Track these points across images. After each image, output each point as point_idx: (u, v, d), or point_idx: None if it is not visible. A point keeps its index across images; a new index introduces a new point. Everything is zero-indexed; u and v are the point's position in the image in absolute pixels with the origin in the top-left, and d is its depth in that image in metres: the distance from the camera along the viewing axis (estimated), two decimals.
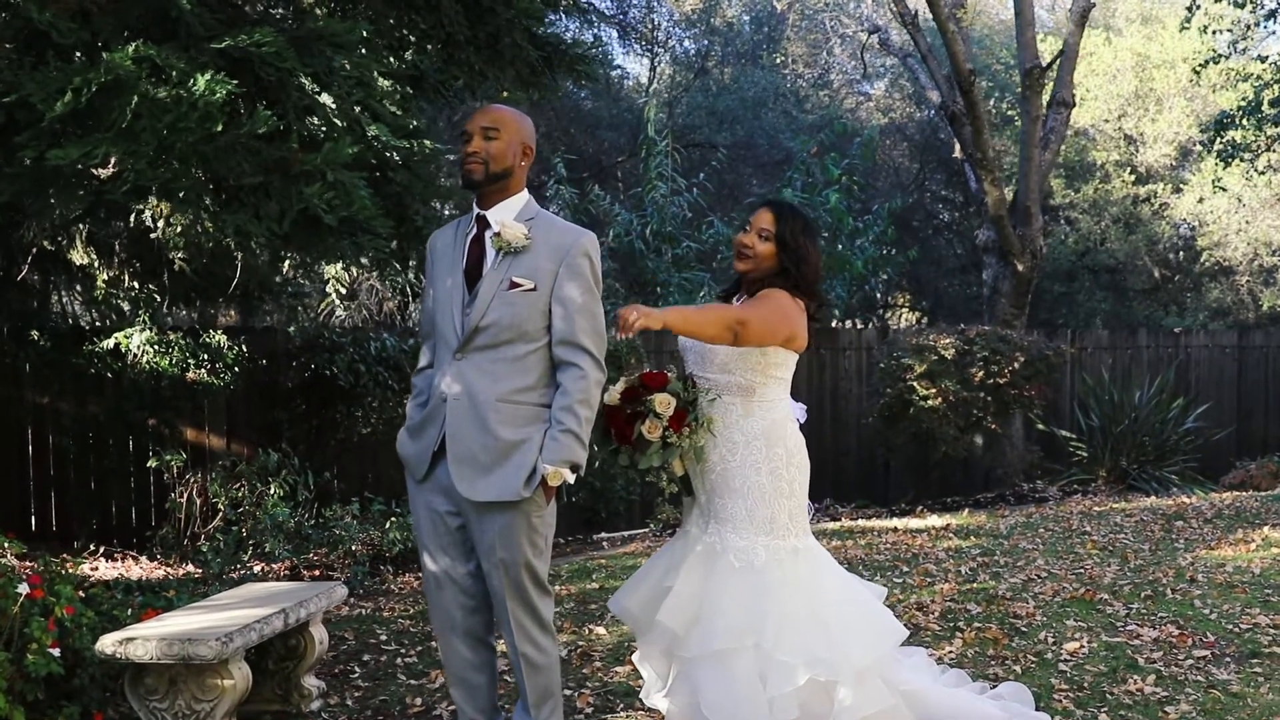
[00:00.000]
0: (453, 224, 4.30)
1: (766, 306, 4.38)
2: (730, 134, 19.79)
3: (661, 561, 4.60)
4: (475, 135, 4.08)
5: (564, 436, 3.98)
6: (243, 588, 5.79)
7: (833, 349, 13.72)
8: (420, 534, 4.25)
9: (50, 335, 10.10)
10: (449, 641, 4.23)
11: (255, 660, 5.43)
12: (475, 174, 4.07)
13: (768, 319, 4.36)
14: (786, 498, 4.48)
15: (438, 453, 4.13)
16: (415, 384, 4.34)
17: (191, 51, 5.96)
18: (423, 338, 4.36)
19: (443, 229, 4.30)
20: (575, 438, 3.98)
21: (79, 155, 5.32)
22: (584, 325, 4.05)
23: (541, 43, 8.01)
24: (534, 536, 4.08)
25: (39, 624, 4.73)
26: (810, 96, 22.97)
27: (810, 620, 4.34)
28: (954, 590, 7.31)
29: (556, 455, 3.97)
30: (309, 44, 6.44)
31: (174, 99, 5.51)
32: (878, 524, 10.57)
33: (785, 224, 4.53)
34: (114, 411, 9.90)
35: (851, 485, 13.53)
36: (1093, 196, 20.63)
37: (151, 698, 4.68)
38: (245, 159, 6.02)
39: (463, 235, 4.17)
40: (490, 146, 4.07)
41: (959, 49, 12.40)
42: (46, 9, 5.76)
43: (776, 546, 4.43)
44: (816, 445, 13.16)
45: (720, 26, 23.10)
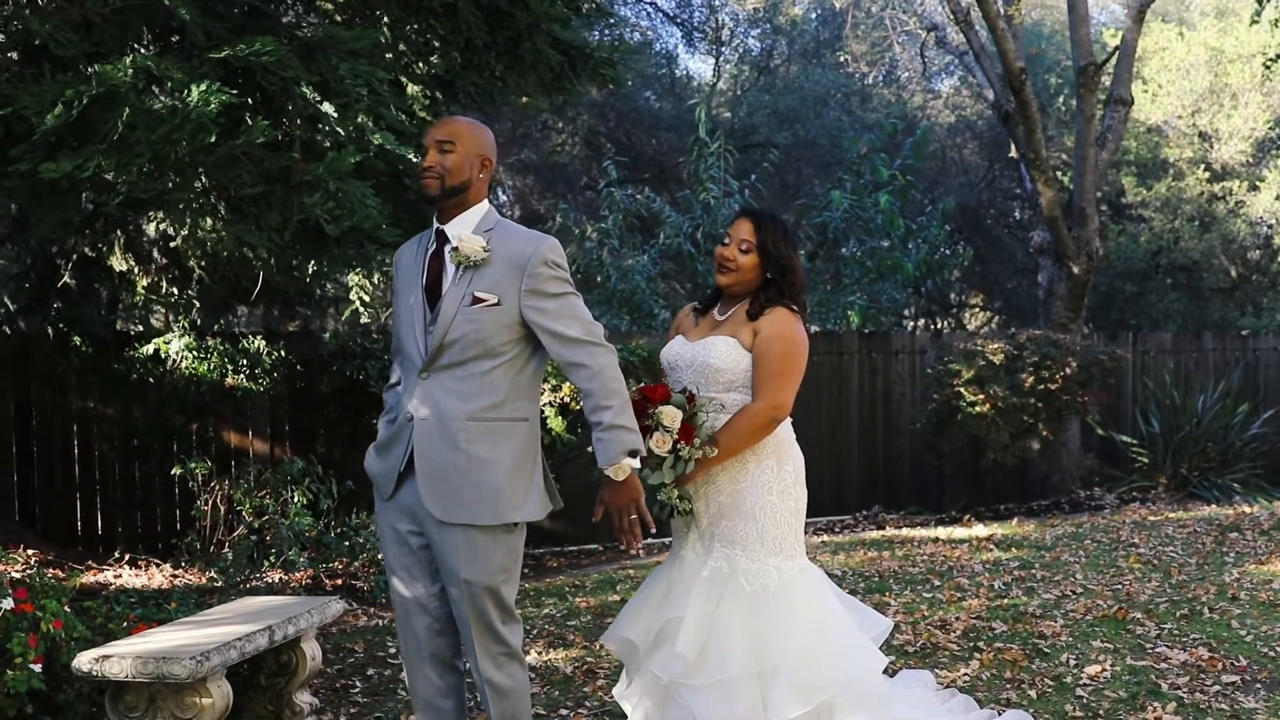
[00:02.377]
0: (416, 238, 4.20)
1: (781, 367, 4.25)
2: (791, 133, 19.58)
3: (657, 590, 4.46)
4: (430, 149, 3.98)
5: (607, 434, 3.89)
6: (239, 601, 5.75)
7: (885, 353, 13.50)
8: (385, 554, 4.16)
9: (91, 341, 10.19)
10: (414, 665, 4.14)
11: (248, 675, 5.39)
12: (431, 189, 3.98)
13: (790, 376, 4.28)
14: (793, 515, 4.38)
15: (404, 472, 4.04)
16: (386, 400, 4.26)
17: (193, 61, 5.93)
18: (393, 353, 4.27)
19: (407, 244, 4.21)
20: (618, 429, 3.89)
21: (71, 168, 5.29)
22: (571, 325, 3.93)
23: (564, 46, 7.90)
24: (500, 559, 3.97)
25: (19, 639, 4.71)
26: (875, 95, 22.67)
27: (817, 638, 4.23)
28: (982, 606, 7.11)
29: (608, 455, 3.89)
30: (315, 52, 6.39)
31: (169, 110, 5.48)
32: (921, 533, 10.34)
33: (765, 233, 4.40)
34: (153, 417, 9.95)
35: (905, 491, 13.30)
36: (1165, 194, 20.12)
37: (131, 714, 4.64)
38: (245, 169, 5.99)
39: (423, 251, 4.07)
40: (446, 160, 3.96)
41: (1009, 46, 12.10)
42: (48, 20, 5.75)
43: (787, 567, 4.32)
44: (868, 450, 13.19)
45: (784, 25, 22.86)
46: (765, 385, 4.21)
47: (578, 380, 3.96)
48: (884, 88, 23.46)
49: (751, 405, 4.22)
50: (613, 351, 4.01)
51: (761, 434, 4.20)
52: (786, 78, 22.06)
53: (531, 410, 4.06)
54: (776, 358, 4.22)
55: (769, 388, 4.20)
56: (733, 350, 4.29)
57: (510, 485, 3.96)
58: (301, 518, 7.78)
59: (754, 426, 4.19)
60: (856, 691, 4.21)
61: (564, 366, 3.97)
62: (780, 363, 4.21)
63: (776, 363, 4.21)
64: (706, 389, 4.31)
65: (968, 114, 23.14)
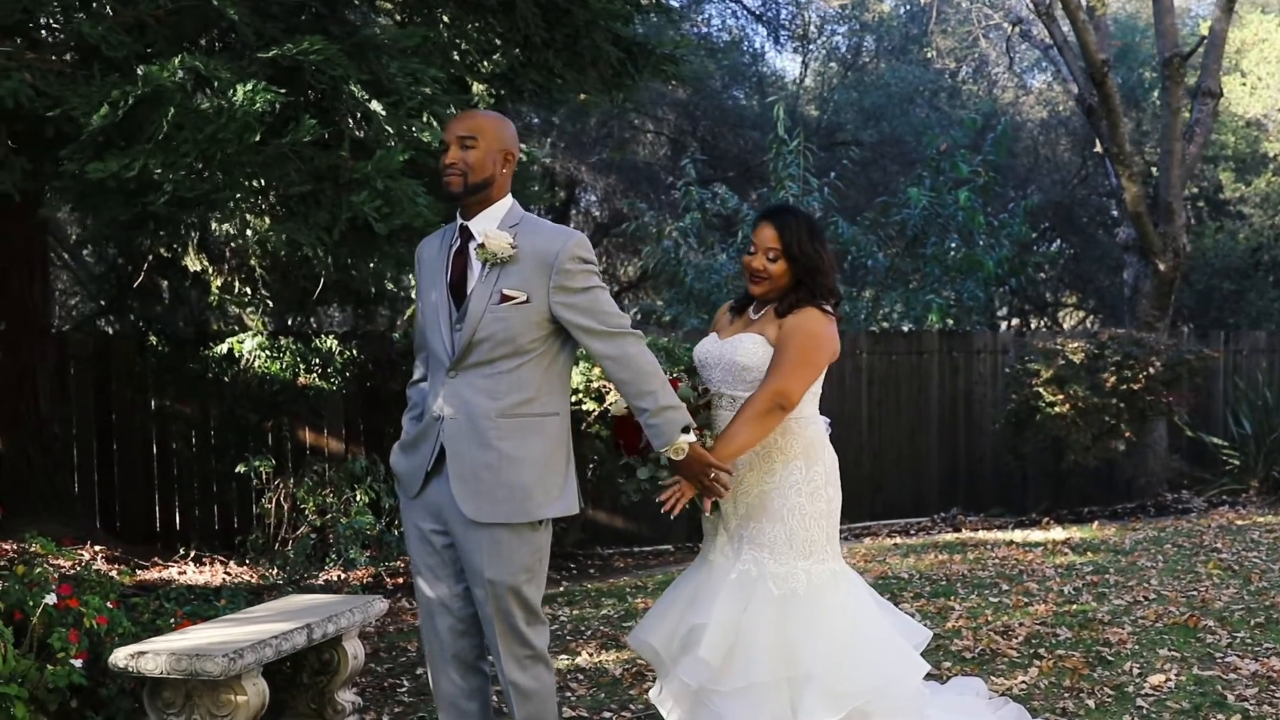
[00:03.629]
0: (439, 233, 4.15)
1: (796, 356, 4.12)
2: (876, 131, 19.33)
3: (683, 594, 4.37)
4: (452, 145, 3.91)
5: (658, 418, 3.87)
6: (285, 599, 5.76)
7: (966, 352, 13.26)
8: (410, 553, 4.13)
9: (168, 340, 10.34)
10: (437, 666, 4.10)
11: (291, 673, 5.40)
12: (454, 186, 3.91)
13: (803, 366, 4.13)
14: (824, 518, 4.23)
15: (431, 471, 4.00)
16: (410, 396, 4.22)
17: (243, 61, 5.96)
18: (416, 350, 4.23)
19: (429, 238, 4.15)
20: (666, 410, 3.87)
21: (118, 168, 5.34)
22: (601, 318, 3.89)
23: (624, 43, 7.85)
24: (524, 558, 3.91)
25: (59, 635, 4.76)
26: (965, 91, 22.33)
27: (850, 645, 4.11)
28: (1049, 612, 6.92)
29: (665, 437, 3.87)
30: (366, 51, 6.40)
31: (215, 109, 5.51)
32: (996, 536, 10.12)
33: (790, 235, 4.27)
34: (226, 415, 10.08)
35: (987, 493, 13.05)
36: (1265, 190, 19.56)
37: (169, 711, 4.66)
38: (294, 168, 6.01)
39: (447, 247, 4.02)
40: (468, 156, 3.90)
41: (1090, 38, 11.81)
42: (100, 23, 5.81)
43: (817, 571, 4.19)
44: (949, 451, 12.96)
45: (871, 22, 22.61)
46: (773, 371, 4.10)
47: (612, 371, 3.91)
48: (974, 84, 23.09)
49: (756, 390, 4.10)
50: (642, 339, 3.96)
51: (766, 420, 4.06)
52: (875, 74, 21.82)
53: (562, 404, 4.01)
54: (793, 348, 4.11)
55: (776, 373, 4.08)
56: (759, 347, 4.19)
57: (542, 482, 3.91)
58: (363, 516, 7.81)
59: (756, 411, 4.06)
60: (889, 698, 4.10)
61: (598, 358, 3.92)
62: (795, 352, 4.10)
63: (791, 352, 4.10)
64: (734, 387, 4.22)
65: (1061, 109, 22.69)
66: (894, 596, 7.46)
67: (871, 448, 12.92)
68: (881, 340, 13.18)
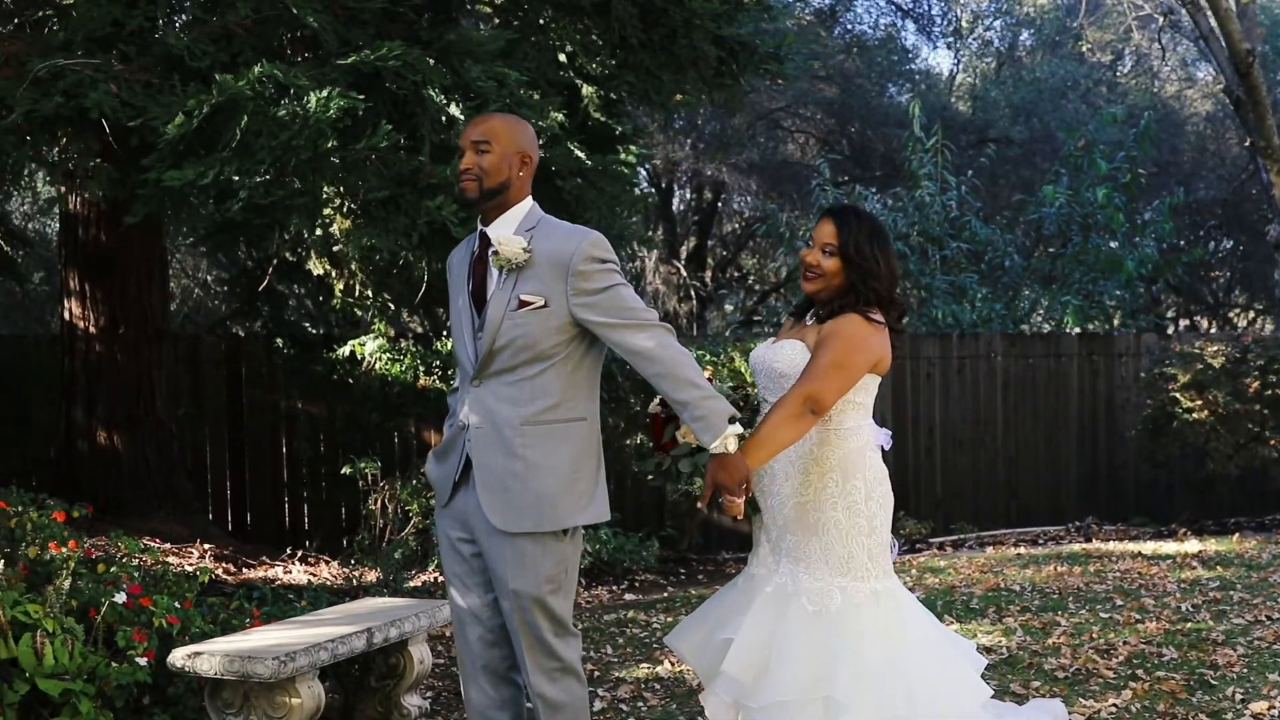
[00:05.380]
0: (466, 241, 4.10)
1: (829, 358, 3.94)
2: (1027, 127, 18.80)
3: (720, 606, 4.26)
4: (466, 150, 3.83)
5: (703, 409, 3.76)
6: (357, 602, 5.81)
7: (1107, 355, 12.78)
8: (442, 562, 4.10)
9: (294, 342, 10.58)
10: (468, 676, 4.05)
11: (359, 676, 5.43)
12: (469, 191, 3.84)
13: (835, 370, 3.95)
14: (865, 535, 4.04)
15: (459, 480, 3.96)
16: (450, 404, 4.19)
17: (325, 68, 6.02)
18: (456, 358, 4.20)
19: (458, 246, 4.10)
20: (710, 401, 3.76)
21: (193, 175, 5.43)
22: (624, 314, 3.79)
23: (724, 42, 7.74)
24: (548, 569, 3.84)
25: (124, 633, 4.85)
26: (1123, 84, 21.58)
27: (888, 671, 3.92)
28: (1159, 630, 6.60)
29: (714, 430, 3.75)
30: (450, 56, 6.41)
31: (290, 116, 5.56)
32: (1124, 547, 9.72)
33: (848, 234, 4.09)
34: (348, 416, 10.25)
35: (1128, 502, 12.58)
36: None
37: (227, 711, 4.72)
38: (373, 173, 6.04)
39: (469, 254, 3.97)
40: (483, 160, 3.81)
41: (1234, 27, 11.26)
42: (187, 33, 5.93)
43: (855, 589, 4.01)
44: (1090, 458, 12.52)
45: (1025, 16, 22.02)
46: (805, 374, 3.93)
47: (644, 368, 3.81)
48: (1135, 77, 22.31)
49: (787, 392, 3.95)
50: (671, 330, 3.85)
51: (797, 424, 3.89)
52: (1030, 69, 21.25)
53: (589, 409, 3.93)
54: (827, 350, 3.94)
55: (807, 376, 3.92)
56: (797, 354, 4.04)
57: (569, 489, 3.83)
58: None
59: (784, 414, 3.89)
60: None
61: (627, 356, 3.83)
62: (829, 355, 3.93)
63: (825, 355, 3.94)
64: (774, 394, 4.08)
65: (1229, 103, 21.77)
66: (1000, 610, 7.21)
67: (1006, 453, 12.57)
68: (1017, 343, 12.80)
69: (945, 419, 12.38)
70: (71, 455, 8.57)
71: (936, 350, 12.42)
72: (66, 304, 8.52)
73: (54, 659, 4.59)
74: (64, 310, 8.56)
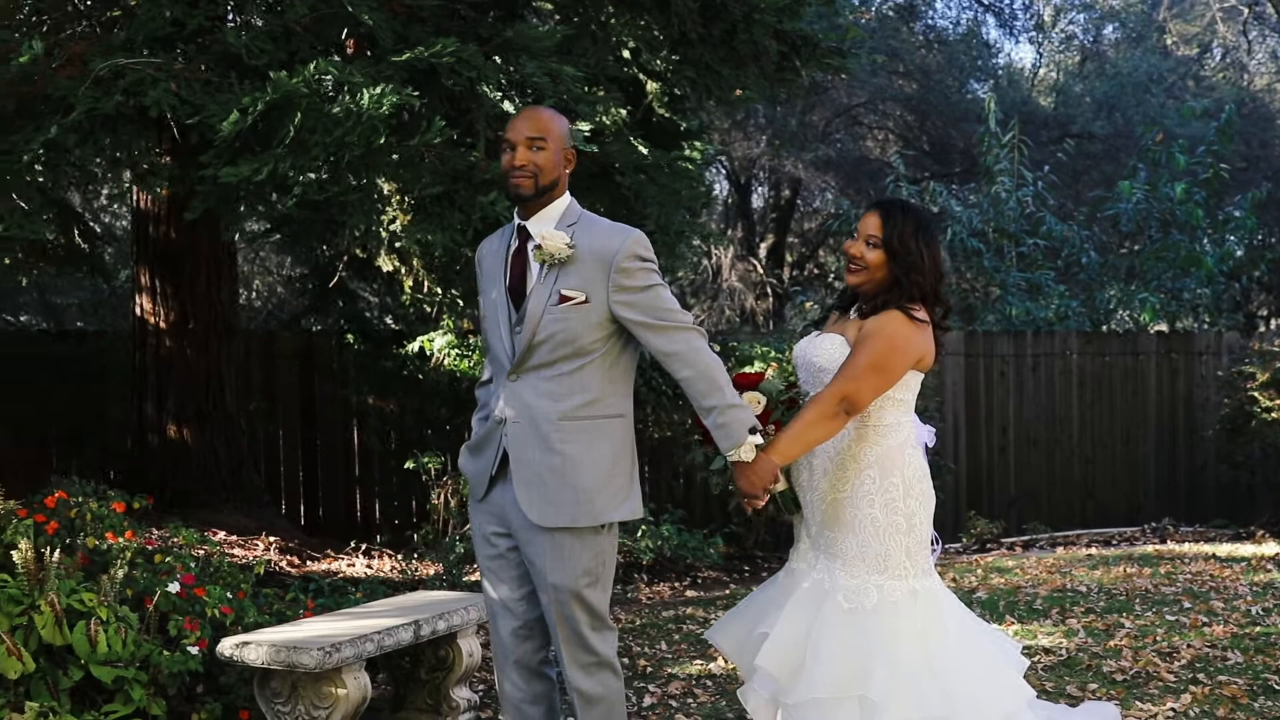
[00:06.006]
0: (498, 233, 4.10)
1: (868, 359, 3.90)
2: (1109, 122, 18.47)
3: (760, 602, 4.24)
4: (520, 146, 3.82)
5: (726, 416, 3.79)
6: (408, 595, 5.85)
7: (1187, 353, 12.53)
8: (476, 555, 4.11)
9: (365, 338, 10.69)
10: (501, 668, 4.06)
11: (409, 668, 5.47)
12: (524, 189, 3.83)
13: (872, 371, 3.90)
14: (903, 533, 3.99)
15: (495, 475, 3.97)
16: (479, 397, 4.20)
17: (381, 65, 6.07)
18: (484, 351, 4.21)
19: (488, 239, 4.11)
20: (734, 409, 3.79)
21: (248, 172, 5.49)
22: (663, 315, 3.81)
23: (785, 37, 7.69)
24: (586, 562, 3.85)
25: (175, 623, 4.93)
26: (1212, 78, 21.14)
27: (924, 671, 3.88)
28: (1225, 634, 6.46)
29: (734, 438, 3.79)
30: (506, 52, 6.43)
31: (344, 113, 5.62)
32: (1198, 549, 9.52)
33: (893, 227, 4.04)
34: (416, 412, 10.33)
35: (1209, 503, 12.33)
36: None
37: (276, 700, 4.77)
38: (427, 169, 6.08)
39: (504, 247, 3.97)
40: (538, 158, 3.82)
41: None
42: (246, 32, 6.01)
43: (891, 587, 3.96)
44: (1168, 458, 12.28)
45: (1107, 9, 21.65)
46: (841, 372, 3.90)
47: (676, 369, 3.82)
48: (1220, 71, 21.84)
49: (822, 390, 3.92)
50: (704, 335, 3.87)
51: (829, 424, 3.86)
52: (1114, 63, 20.88)
53: (625, 406, 3.94)
54: (865, 350, 3.89)
55: (843, 375, 3.88)
56: (836, 349, 4.00)
57: (607, 485, 3.85)
58: None
59: (818, 414, 3.87)
60: None
61: (659, 357, 3.84)
62: (867, 355, 3.88)
63: (862, 354, 3.89)
64: (814, 388, 4.04)
65: None
66: (1064, 611, 7.11)
67: (1082, 453, 12.38)
68: (1094, 341, 12.60)
69: (1019, 417, 12.22)
70: (143, 449, 8.73)
71: (1010, 348, 12.26)
72: (138, 300, 8.68)
73: (107, 646, 4.68)
74: (135, 306, 8.72)
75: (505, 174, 3.88)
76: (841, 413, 3.86)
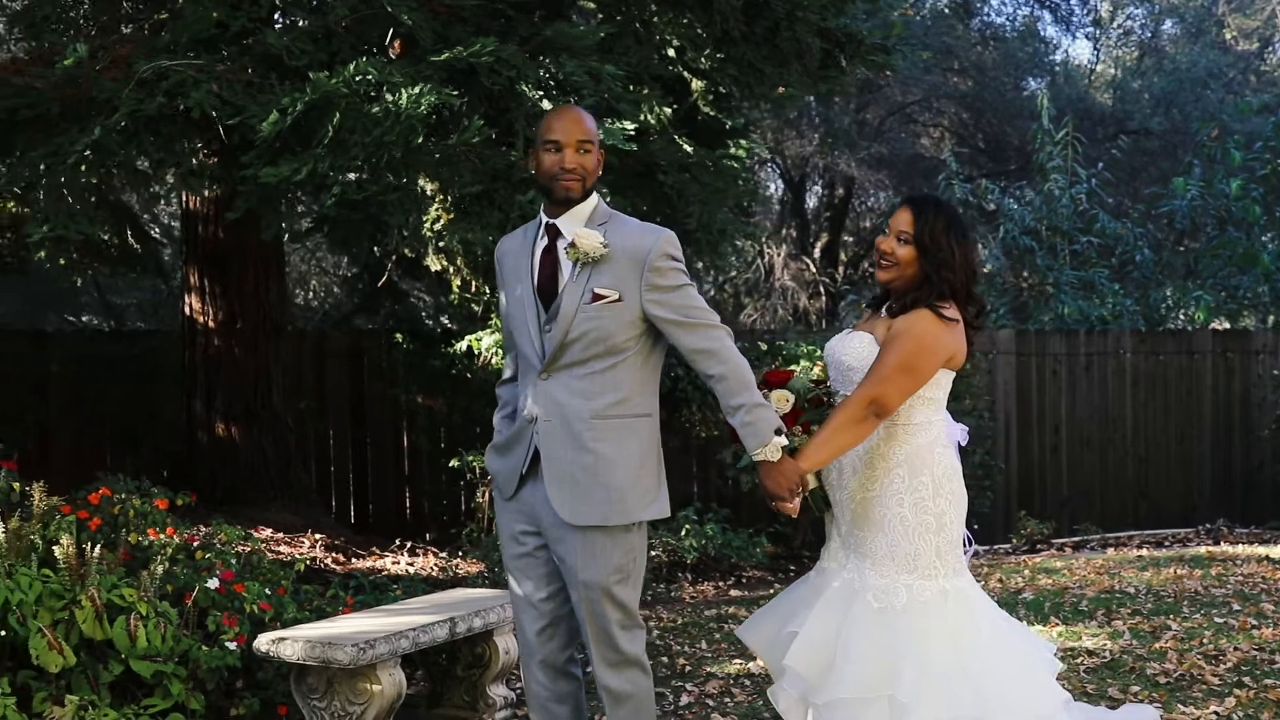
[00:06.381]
0: (520, 231, 4.11)
1: (896, 360, 3.86)
2: (1167, 118, 18.24)
3: (789, 600, 4.23)
4: (569, 148, 3.81)
5: (753, 415, 3.79)
6: (447, 592, 5.88)
7: (1243, 352, 12.35)
8: (503, 553, 4.11)
9: (414, 337, 10.75)
10: (528, 668, 4.07)
11: (446, 665, 5.49)
12: (574, 191, 3.84)
13: (901, 373, 3.86)
14: (933, 533, 3.95)
15: (525, 473, 3.98)
16: (500, 395, 4.21)
17: (421, 65, 6.10)
18: (505, 349, 4.22)
19: (510, 235, 4.11)
20: (761, 409, 3.81)
21: (288, 172, 5.54)
22: (694, 314, 3.83)
23: (829, 34, 7.66)
24: (618, 559, 3.86)
25: (214, 618, 4.99)
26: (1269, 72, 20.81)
27: (954, 672, 3.84)
28: (1274, 637, 6.35)
29: (760, 437, 3.79)
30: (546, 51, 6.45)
31: (383, 113, 5.65)
32: (1253, 551, 9.36)
33: (924, 222, 4.00)
34: (464, 411, 10.38)
35: (1265, 504, 12.13)
36: None
37: (312, 696, 4.81)
38: (467, 168, 6.11)
39: (530, 245, 3.97)
40: (586, 161, 3.83)
41: None
42: (287, 34, 6.06)
43: (921, 587, 3.93)
44: (1224, 459, 12.10)
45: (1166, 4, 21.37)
46: (870, 375, 3.87)
47: (706, 367, 3.83)
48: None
49: (851, 393, 3.89)
50: (730, 334, 3.89)
51: (858, 428, 3.84)
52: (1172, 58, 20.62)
53: (653, 405, 3.95)
54: (894, 351, 3.86)
55: (872, 378, 3.86)
56: (865, 347, 3.97)
57: (638, 483, 3.86)
58: None
59: (847, 417, 3.85)
60: None
61: (690, 355, 3.85)
62: (895, 357, 3.85)
63: (891, 356, 3.86)
64: (843, 386, 4.02)
65: None
66: (1110, 612, 7.02)
67: (1136, 453, 12.24)
68: (1148, 339, 12.45)
69: (1071, 417, 12.10)
70: (193, 447, 8.83)
71: (1063, 347, 12.14)
72: (187, 299, 8.78)
73: (147, 641, 4.73)
74: (185, 305, 8.82)
75: (552, 175, 3.85)
76: (870, 416, 3.84)
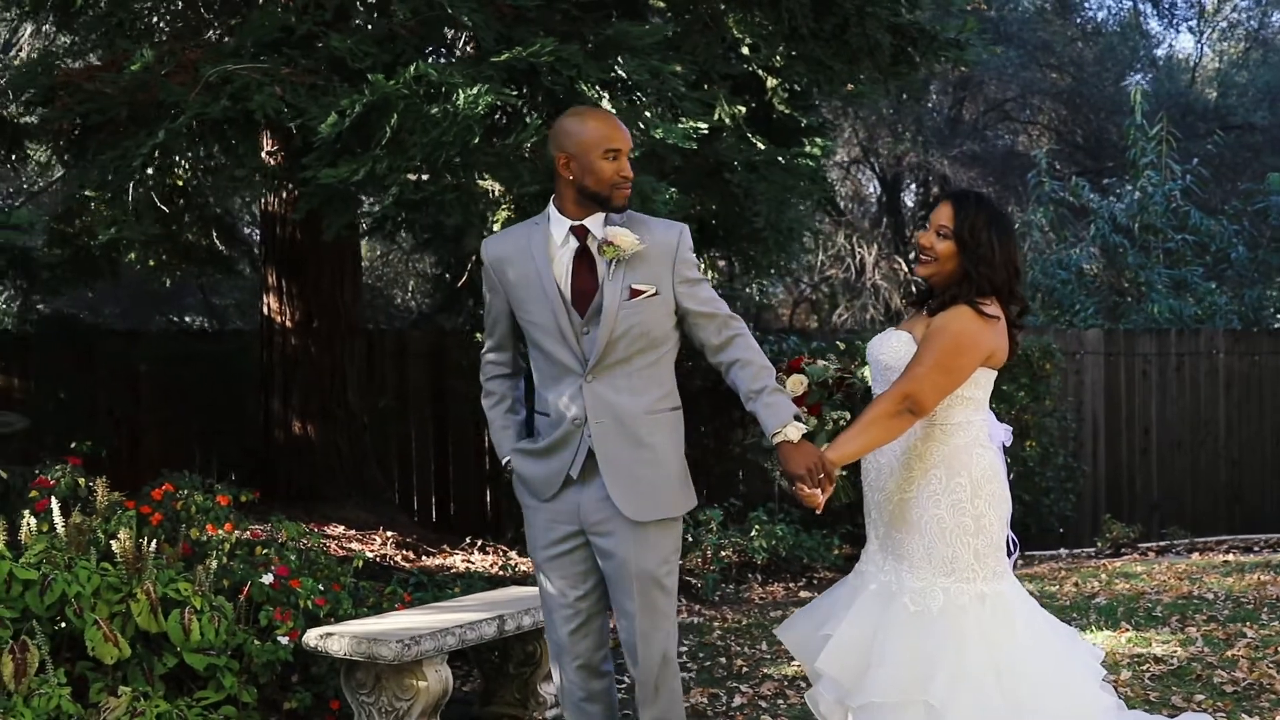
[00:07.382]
0: (511, 233, 4.08)
1: (934, 358, 3.79)
2: (1272, 112, 17.75)
3: (827, 602, 4.17)
4: (624, 156, 3.85)
5: (773, 398, 3.83)
6: (501, 590, 5.91)
7: None
8: (535, 555, 4.10)
9: None
10: (561, 667, 4.08)
11: (498, 663, 5.52)
12: (625, 201, 3.89)
13: (937, 370, 3.78)
14: (971, 535, 3.87)
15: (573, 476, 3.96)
16: (492, 389, 4.27)
17: (481, 66, 6.14)
18: (494, 346, 4.23)
19: (498, 239, 4.08)
20: (776, 394, 3.85)
21: (347, 173, 5.61)
22: (716, 304, 3.93)
23: (900, 30, 7.57)
24: (668, 550, 3.93)
25: (266, 613, 5.06)
26: None
27: (991, 678, 3.76)
28: None
29: (780, 418, 3.80)
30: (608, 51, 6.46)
31: (441, 114, 5.70)
32: None
33: (965, 218, 3.92)
34: None
35: None
36: None
37: (360, 691, 4.87)
38: (526, 168, 6.13)
39: (538, 249, 3.94)
40: (630, 171, 3.88)
41: None
42: (351, 36, 6.13)
43: (958, 590, 3.85)
44: None
45: None
46: (906, 372, 3.80)
47: (732, 354, 3.89)
48: None
49: (887, 389, 3.83)
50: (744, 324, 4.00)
51: (891, 424, 3.77)
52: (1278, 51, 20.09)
53: (678, 398, 4.01)
54: (931, 349, 3.79)
55: (908, 375, 3.78)
56: (903, 346, 3.91)
57: (685, 475, 3.97)
58: None
59: (880, 412, 3.78)
60: None
61: (715, 343, 3.91)
62: (932, 354, 3.78)
63: (927, 353, 3.79)
64: (882, 386, 3.96)
65: None
66: (1184, 618, 6.85)
67: (1229, 456, 11.95)
68: (1242, 339, 12.14)
69: (1162, 418, 11.84)
70: (269, 445, 8.97)
71: (1153, 347, 11.88)
72: (265, 300, 8.92)
73: (200, 634, 4.82)
74: (263, 305, 8.96)
75: (614, 184, 3.85)
76: (904, 412, 3.77)
